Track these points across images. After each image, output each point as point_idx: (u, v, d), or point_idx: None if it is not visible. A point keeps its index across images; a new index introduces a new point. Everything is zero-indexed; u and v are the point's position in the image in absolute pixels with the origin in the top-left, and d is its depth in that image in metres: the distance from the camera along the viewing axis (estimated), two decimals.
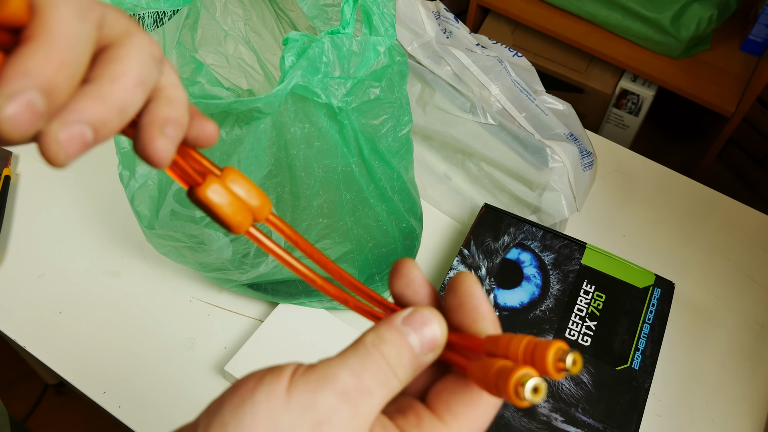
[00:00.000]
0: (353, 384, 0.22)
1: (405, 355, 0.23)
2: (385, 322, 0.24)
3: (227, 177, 0.24)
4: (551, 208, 0.68)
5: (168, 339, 0.65)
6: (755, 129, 1.41)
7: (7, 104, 0.17)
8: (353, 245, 0.57)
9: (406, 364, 0.23)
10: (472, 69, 0.69)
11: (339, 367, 0.22)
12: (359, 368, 0.22)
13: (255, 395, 0.21)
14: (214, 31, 0.65)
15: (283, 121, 0.47)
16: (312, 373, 0.22)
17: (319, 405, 0.21)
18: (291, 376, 0.22)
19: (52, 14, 0.18)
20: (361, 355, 0.23)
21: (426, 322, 0.24)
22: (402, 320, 0.24)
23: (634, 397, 0.56)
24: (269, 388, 0.22)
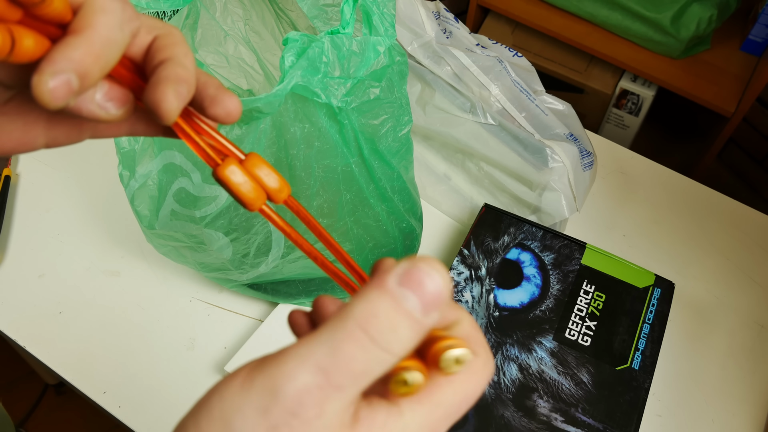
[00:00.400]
0: (315, 382, 0.19)
1: (402, 328, 0.19)
2: (376, 285, 0.19)
3: (249, 160, 0.26)
4: (551, 208, 0.68)
5: (168, 339, 0.65)
6: (755, 129, 1.41)
7: (50, 79, 0.21)
8: (353, 245, 0.57)
9: (404, 336, 0.19)
10: (472, 69, 0.69)
11: (300, 360, 0.19)
12: (328, 361, 0.19)
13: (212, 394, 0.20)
14: (214, 31, 0.65)
15: (283, 121, 0.47)
16: (267, 367, 0.19)
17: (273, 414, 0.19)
18: (249, 370, 0.20)
19: (98, 19, 0.23)
20: (334, 341, 0.19)
21: (424, 271, 0.19)
22: (397, 281, 0.19)
23: (634, 397, 0.56)
24: (223, 383, 0.20)
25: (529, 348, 0.59)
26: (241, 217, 0.53)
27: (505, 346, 0.59)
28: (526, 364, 0.58)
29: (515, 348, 0.59)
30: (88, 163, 0.78)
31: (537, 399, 0.56)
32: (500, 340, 0.60)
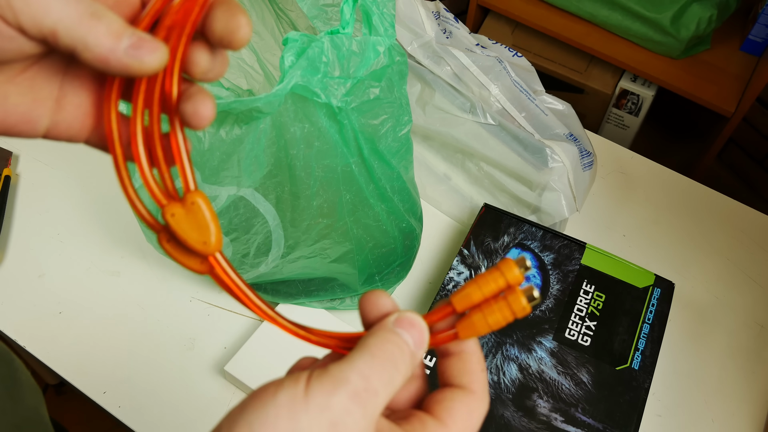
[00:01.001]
0: (362, 385, 0.24)
1: (405, 352, 0.26)
2: (380, 326, 0.27)
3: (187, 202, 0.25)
4: (551, 208, 0.68)
5: (168, 339, 0.65)
6: (755, 129, 1.41)
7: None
8: (353, 245, 0.57)
9: (407, 360, 0.26)
10: (472, 69, 0.69)
11: (349, 370, 0.24)
12: (367, 370, 0.24)
13: (277, 398, 0.23)
14: None
15: (282, 121, 0.47)
16: (326, 377, 0.24)
17: (334, 406, 0.23)
18: (307, 380, 0.24)
19: None
20: (366, 358, 0.25)
21: (413, 322, 0.27)
22: (393, 323, 0.27)
23: (634, 397, 0.56)
24: (289, 391, 0.24)
25: (529, 348, 0.59)
26: (241, 217, 0.53)
27: (505, 346, 0.59)
28: (526, 364, 0.58)
29: (515, 348, 0.59)
30: (88, 163, 0.78)
31: (537, 399, 0.56)
32: (500, 340, 0.60)
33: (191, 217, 0.25)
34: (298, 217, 0.53)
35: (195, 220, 0.25)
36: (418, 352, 0.27)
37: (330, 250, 0.57)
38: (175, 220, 0.25)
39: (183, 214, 0.25)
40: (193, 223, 0.25)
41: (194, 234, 0.25)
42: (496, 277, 0.27)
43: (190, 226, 0.25)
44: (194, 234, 0.25)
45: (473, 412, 0.27)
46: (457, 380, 0.28)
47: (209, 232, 0.26)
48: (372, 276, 0.62)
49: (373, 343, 0.26)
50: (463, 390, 0.28)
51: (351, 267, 0.59)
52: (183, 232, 0.25)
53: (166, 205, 0.25)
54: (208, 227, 0.25)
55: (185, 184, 0.26)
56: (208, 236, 0.26)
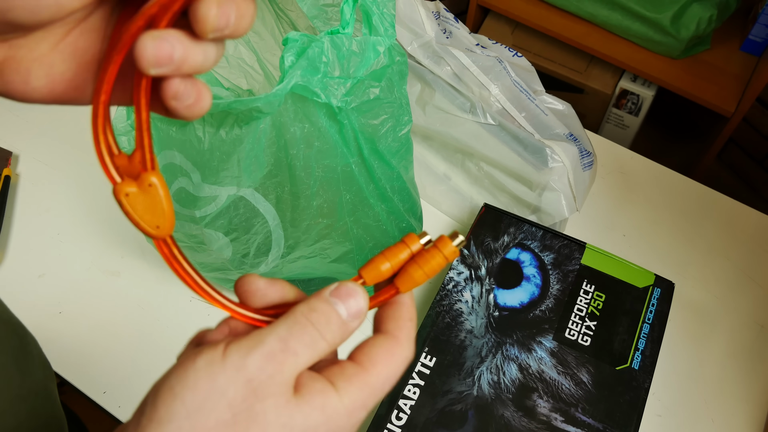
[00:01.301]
0: (279, 347, 0.26)
1: (333, 321, 0.27)
2: (315, 295, 0.28)
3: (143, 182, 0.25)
4: (551, 208, 0.68)
5: (168, 339, 0.65)
6: (755, 129, 1.41)
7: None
8: (353, 245, 0.57)
9: (335, 329, 0.27)
10: (472, 69, 0.69)
11: (267, 334, 0.26)
12: (286, 334, 0.26)
13: (196, 362, 0.25)
14: None
15: (282, 121, 0.47)
16: (244, 340, 0.26)
17: (249, 365, 0.25)
18: (226, 344, 0.26)
19: None
20: (289, 323, 0.26)
21: (351, 294, 0.28)
22: (330, 293, 0.28)
23: (634, 397, 0.56)
24: (208, 355, 0.25)
25: (528, 348, 0.59)
26: (241, 217, 0.53)
27: (505, 346, 0.59)
28: (525, 364, 0.58)
29: (515, 348, 0.59)
30: (88, 163, 0.78)
31: (537, 399, 0.56)
32: (500, 340, 0.60)
33: (147, 198, 0.25)
34: (298, 217, 0.53)
35: (150, 202, 0.25)
36: (352, 322, 0.28)
37: (330, 250, 0.57)
38: (129, 201, 0.24)
39: (137, 195, 0.25)
40: (147, 205, 0.25)
41: (147, 217, 0.25)
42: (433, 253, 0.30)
43: (145, 208, 0.25)
44: (147, 217, 0.25)
45: (394, 356, 0.28)
46: (383, 327, 0.29)
47: (163, 217, 0.25)
48: None
49: (298, 310, 0.27)
50: (386, 336, 0.29)
51: (351, 267, 0.59)
52: (136, 214, 0.25)
53: (118, 183, 0.25)
54: (162, 211, 0.25)
55: (142, 160, 0.25)
56: (163, 220, 0.25)
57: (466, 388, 0.57)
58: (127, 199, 0.24)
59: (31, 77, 0.25)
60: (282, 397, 0.25)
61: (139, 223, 0.25)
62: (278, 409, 0.25)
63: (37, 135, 0.81)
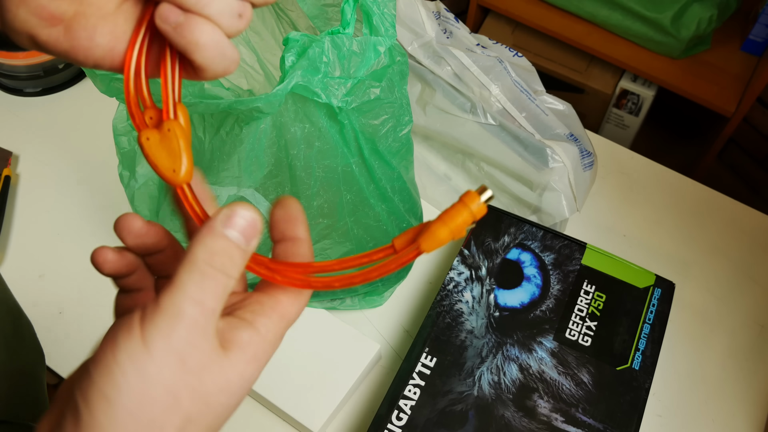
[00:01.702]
0: (198, 311, 0.24)
1: (235, 255, 0.26)
2: (208, 232, 0.25)
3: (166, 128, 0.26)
4: (551, 209, 0.68)
5: None
6: (755, 129, 1.41)
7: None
8: (353, 245, 0.57)
9: (240, 262, 0.26)
10: (473, 69, 0.69)
11: (182, 299, 0.24)
12: (199, 294, 0.24)
13: (118, 358, 0.24)
14: None
15: (283, 121, 0.47)
16: (159, 316, 0.24)
17: (175, 343, 0.24)
18: (141, 325, 0.24)
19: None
20: (196, 278, 0.25)
21: (240, 214, 0.26)
22: (221, 224, 0.26)
23: (635, 397, 0.56)
24: (127, 346, 0.24)
25: (529, 348, 0.59)
26: None
27: (505, 346, 0.59)
28: (526, 365, 0.58)
29: (515, 348, 0.59)
30: (88, 163, 0.78)
31: (537, 399, 0.56)
32: (500, 340, 0.60)
33: (165, 143, 0.26)
34: None
35: (168, 147, 0.26)
36: (250, 244, 0.26)
37: (330, 251, 0.57)
38: (149, 145, 0.26)
39: (157, 140, 0.26)
40: (166, 150, 0.26)
41: (165, 161, 0.26)
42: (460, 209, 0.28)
43: (163, 153, 0.26)
44: (165, 161, 0.26)
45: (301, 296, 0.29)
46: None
47: (180, 162, 0.26)
48: None
49: (199, 257, 0.25)
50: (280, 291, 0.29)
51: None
52: (154, 157, 0.26)
53: (142, 130, 0.26)
54: (179, 157, 0.26)
55: (165, 109, 0.26)
56: (179, 165, 0.26)
57: (466, 389, 0.57)
58: (147, 143, 0.26)
59: (97, 34, 0.26)
60: (215, 363, 0.25)
61: (156, 166, 0.26)
62: (214, 376, 0.25)
63: (37, 135, 0.81)
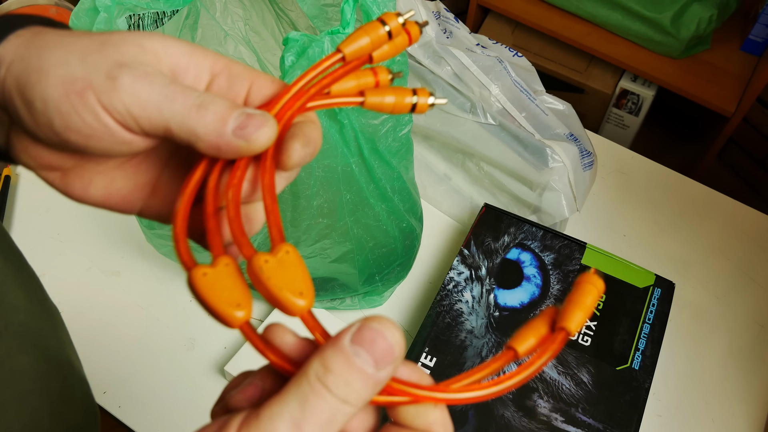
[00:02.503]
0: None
1: (356, 379, 0.21)
2: (332, 344, 0.21)
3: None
4: (551, 208, 0.68)
5: (168, 339, 0.65)
6: (755, 129, 1.41)
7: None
8: (353, 245, 0.57)
9: (359, 388, 0.21)
10: (472, 69, 0.69)
11: (279, 416, 0.21)
12: (298, 414, 0.20)
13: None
14: (214, 31, 0.65)
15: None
16: (254, 424, 0.21)
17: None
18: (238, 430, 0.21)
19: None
20: (301, 396, 0.21)
21: (378, 334, 0.21)
22: (350, 339, 0.21)
23: (634, 397, 0.56)
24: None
25: None
26: None
27: None
28: None
29: None
30: None
31: (537, 399, 0.56)
32: (500, 340, 0.60)
33: (285, 269, 0.22)
34: (299, 217, 0.53)
35: (288, 272, 0.22)
36: (382, 372, 0.21)
37: (330, 250, 0.57)
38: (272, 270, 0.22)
39: (275, 266, 0.22)
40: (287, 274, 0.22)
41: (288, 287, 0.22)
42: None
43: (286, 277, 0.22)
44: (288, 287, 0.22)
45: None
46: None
47: (309, 286, 0.22)
48: (372, 276, 0.62)
49: (311, 370, 0.21)
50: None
51: (351, 267, 0.59)
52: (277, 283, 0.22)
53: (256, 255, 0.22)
54: (305, 281, 0.22)
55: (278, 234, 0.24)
56: (307, 290, 0.22)
57: None
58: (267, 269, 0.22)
59: (92, 186, 0.27)
60: None
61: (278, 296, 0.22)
62: None
63: None
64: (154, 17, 0.53)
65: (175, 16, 0.58)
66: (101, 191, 0.27)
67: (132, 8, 0.48)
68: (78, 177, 0.26)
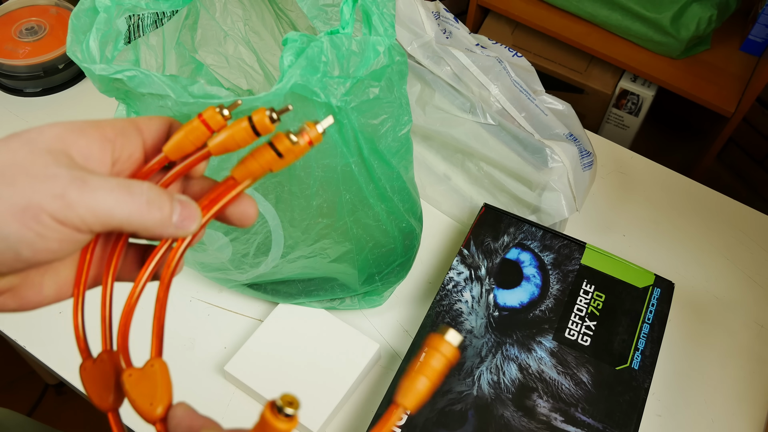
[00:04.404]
0: None
1: None
2: None
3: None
4: (551, 208, 0.68)
5: (168, 339, 0.65)
6: (755, 129, 1.41)
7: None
8: (353, 245, 0.57)
9: None
10: (472, 69, 0.69)
11: None
12: None
13: None
14: (213, 31, 0.65)
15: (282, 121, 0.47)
16: None
17: None
18: None
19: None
20: None
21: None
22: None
23: (634, 397, 0.56)
24: None
25: (528, 348, 0.59)
26: None
27: (504, 345, 0.59)
28: (525, 364, 0.58)
29: (515, 348, 0.59)
30: None
31: (537, 399, 0.56)
32: (500, 340, 0.60)
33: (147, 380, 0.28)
34: (298, 217, 0.53)
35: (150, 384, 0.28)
36: None
37: (330, 250, 0.57)
38: (131, 381, 0.29)
39: (138, 378, 0.28)
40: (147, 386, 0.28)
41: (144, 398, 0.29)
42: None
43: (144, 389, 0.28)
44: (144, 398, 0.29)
45: None
46: None
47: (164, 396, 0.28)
48: (372, 276, 0.62)
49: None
50: None
51: (351, 267, 0.59)
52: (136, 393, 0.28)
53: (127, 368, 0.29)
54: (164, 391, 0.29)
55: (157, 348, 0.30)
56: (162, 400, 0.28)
57: (465, 388, 0.57)
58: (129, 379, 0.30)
59: (44, 288, 0.29)
60: None
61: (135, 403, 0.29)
62: None
63: None
64: (153, 17, 0.53)
65: (175, 16, 0.58)
66: (53, 287, 0.30)
67: (132, 8, 0.49)
68: (29, 287, 0.29)
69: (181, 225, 0.28)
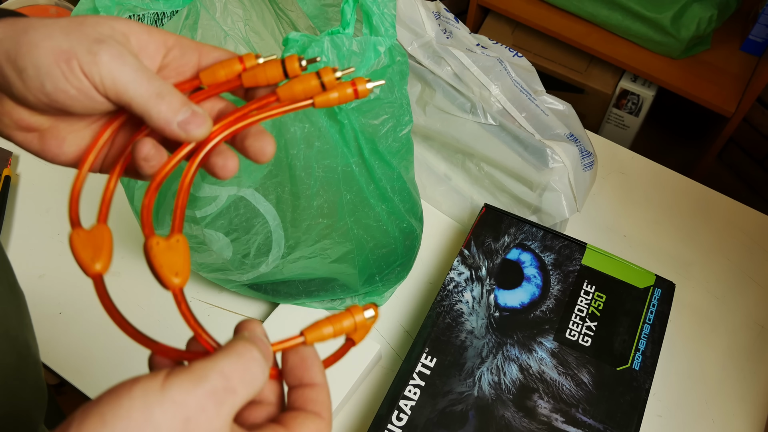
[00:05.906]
0: (222, 384, 0.25)
1: (270, 359, 0.28)
2: (243, 336, 0.28)
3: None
4: (551, 209, 0.68)
5: (168, 339, 0.65)
6: (755, 129, 1.41)
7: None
8: (353, 245, 0.57)
9: (265, 369, 0.27)
10: (473, 69, 0.69)
11: (210, 369, 0.25)
12: (229, 369, 0.26)
13: (132, 391, 0.24)
14: (214, 31, 0.65)
15: (282, 121, 0.47)
16: (185, 373, 0.25)
17: (189, 403, 0.24)
18: (166, 375, 0.25)
19: None
20: (232, 357, 0.26)
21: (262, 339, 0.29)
22: (261, 334, 0.30)
23: (635, 398, 0.56)
24: (145, 385, 0.24)
25: (529, 348, 0.59)
26: (242, 217, 0.53)
27: (505, 346, 0.59)
28: (526, 365, 0.58)
29: (516, 348, 0.59)
30: None
31: (537, 399, 0.56)
32: (501, 340, 0.60)
33: (172, 252, 0.29)
34: (299, 218, 0.53)
35: (175, 255, 0.29)
36: (267, 365, 0.28)
37: (330, 251, 0.57)
38: (158, 249, 0.29)
39: (165, 247, 0.29)
40: (172, 257, 0.29)
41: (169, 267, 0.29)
42: (346, 315, 0.31)
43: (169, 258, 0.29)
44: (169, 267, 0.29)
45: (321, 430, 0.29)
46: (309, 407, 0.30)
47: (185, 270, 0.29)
48: (372, 276, 0.62)
49: (239, 344, 0.27)
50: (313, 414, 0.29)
51: (351, 267, 0.59)
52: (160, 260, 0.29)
53: (152, 236, 0.29)
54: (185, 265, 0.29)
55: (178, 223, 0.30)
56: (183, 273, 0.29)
57: (466, 389, 0.57)
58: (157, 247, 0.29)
59: (65, 144, 0.32)
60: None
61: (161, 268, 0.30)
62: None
63: None
64: (153, 17, 0.53)
65: (175, 16, 0.58)
66: (74, 147, 0.32)
67: (132, 8, 0.48)
68: (53, 136, 0.31)
69: (184, 127, 0.29)
